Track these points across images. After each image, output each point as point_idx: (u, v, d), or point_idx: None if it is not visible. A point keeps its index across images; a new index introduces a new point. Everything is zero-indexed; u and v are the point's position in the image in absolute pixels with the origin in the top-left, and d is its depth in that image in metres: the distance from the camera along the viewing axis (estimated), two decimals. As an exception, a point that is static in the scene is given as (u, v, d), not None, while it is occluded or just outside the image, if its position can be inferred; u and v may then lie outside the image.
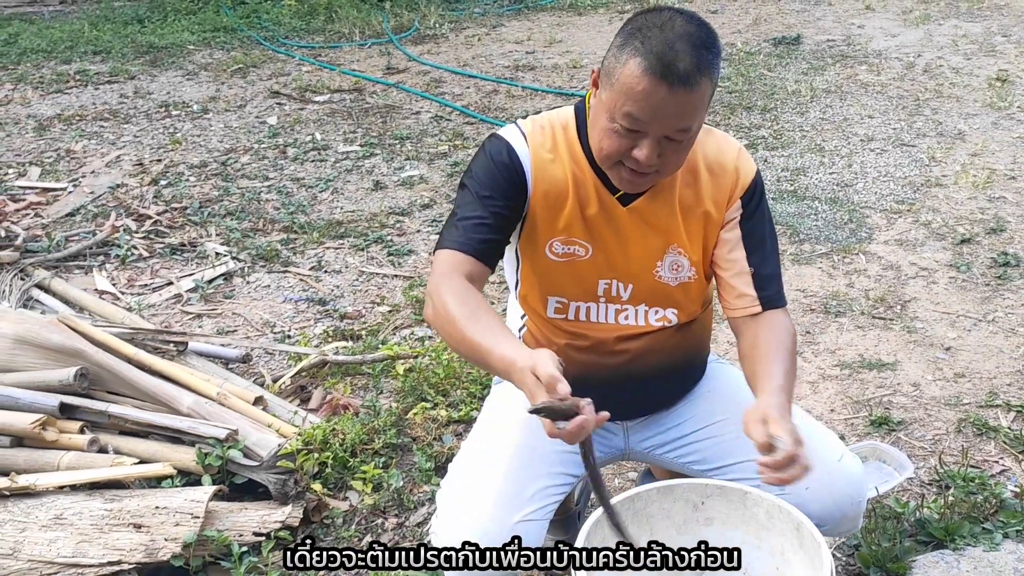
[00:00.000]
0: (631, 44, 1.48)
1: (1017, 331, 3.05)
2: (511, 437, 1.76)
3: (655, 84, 1.45)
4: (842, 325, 3.15)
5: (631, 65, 1.47)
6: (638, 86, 1.46)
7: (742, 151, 1.73)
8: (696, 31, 1.48)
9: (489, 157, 1.65)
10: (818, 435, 1.78)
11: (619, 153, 1.54)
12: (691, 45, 1.46)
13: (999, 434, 2.54)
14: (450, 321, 1.50)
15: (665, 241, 1.70)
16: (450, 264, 1.59)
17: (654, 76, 1.45)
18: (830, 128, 4.97)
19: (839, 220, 3.91)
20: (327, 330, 3.21)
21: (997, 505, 2.20)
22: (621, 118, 1.50)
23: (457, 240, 1.61)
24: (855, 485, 1.73)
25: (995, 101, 5.19)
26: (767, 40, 6.66)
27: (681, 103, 1.47)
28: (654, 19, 1.50)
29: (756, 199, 1.72)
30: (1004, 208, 3.94)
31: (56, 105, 5.87)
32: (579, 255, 1.70)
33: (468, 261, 1.60)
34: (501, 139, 1.67)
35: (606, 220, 1.68)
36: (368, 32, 7.31)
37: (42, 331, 2.66)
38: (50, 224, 4.14)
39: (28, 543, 2.09)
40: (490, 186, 1.63)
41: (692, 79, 1.46)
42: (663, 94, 1.46)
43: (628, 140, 1.52)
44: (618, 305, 1.75)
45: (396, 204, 4.25)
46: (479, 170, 1.66)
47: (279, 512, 2.23)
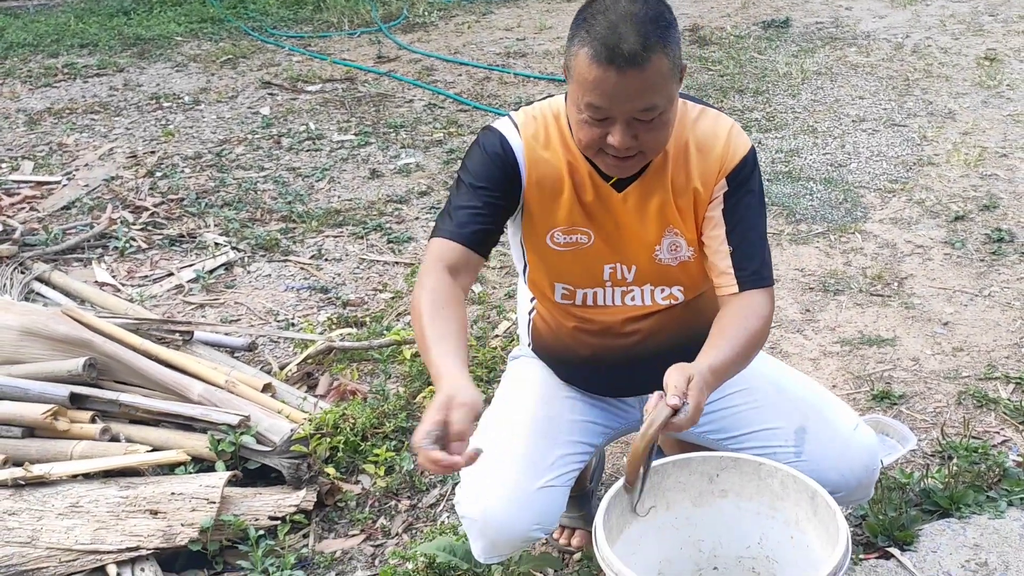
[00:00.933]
0: (579, 35, 1.50)
1: (1013, 305, 3.10)
2: (530, 408, 1.79)
3: (604, 70, 1.46)
4: (841, 303, 3.18)
5: (580, 56, 1.48)
6: (590, 75, 1.47)
7: (735, 129, 1.70)
8: (640, 9, 1.47)
9: (483, 149, 1.67)
10: (833, 405, 1.81)
11: (595, 142, 1.55)
12: (635, 24, 1.45)
13: (999, 405, 2.59)
14: (416, 315, 1.55)
15: (662, 223, 1.71)
16: (438, 253, 1.62)
17: (601, 63, 1.45)
18: (822, 109, 5.00)
19: (834, 200, 3.95)
20: (331, 317, 3.22)
21: (1000, 474, 2.24)
22: (586, 108, 1.51)
23: (449, 229, 1.64)
24: (870, 453, 1.77)
25: (984, 80, 5.23)
26: (756, 23, 6.68)
27: (636, 84, 1.47)
28: (599, 5, 1.50)
29: (743, 177, 1.68)
30: (996, 185, 3.98)
31: (45, 99, 5.84)
32: (582, 243, 1.72)
33: (458, 250, 1.62)
34: (494, 131, 1.69)
35: (603, 207, 1.69)
36: (357, 21, 7.28)
37: (49, 322, 2.67)
38: (46, 217, 4.13)
39: (46, 531, 2.11)
40: (484, 176, 1.65)
41: (640, 58, 1.45)
42: (615, 79, 1.46)
43: (600, 128, 1.53)
44: (624, 287, 1.77)
45: (393, 192, 4.26)
46: (473, 162, 1.68)
47: (293, 496, 2.25)
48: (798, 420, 1.79)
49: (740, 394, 1.84)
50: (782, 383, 1.84)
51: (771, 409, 1.80)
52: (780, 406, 1.80)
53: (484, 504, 1.64)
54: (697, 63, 5.85)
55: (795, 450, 1.76)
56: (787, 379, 1.86)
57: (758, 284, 1.67)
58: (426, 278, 1.59)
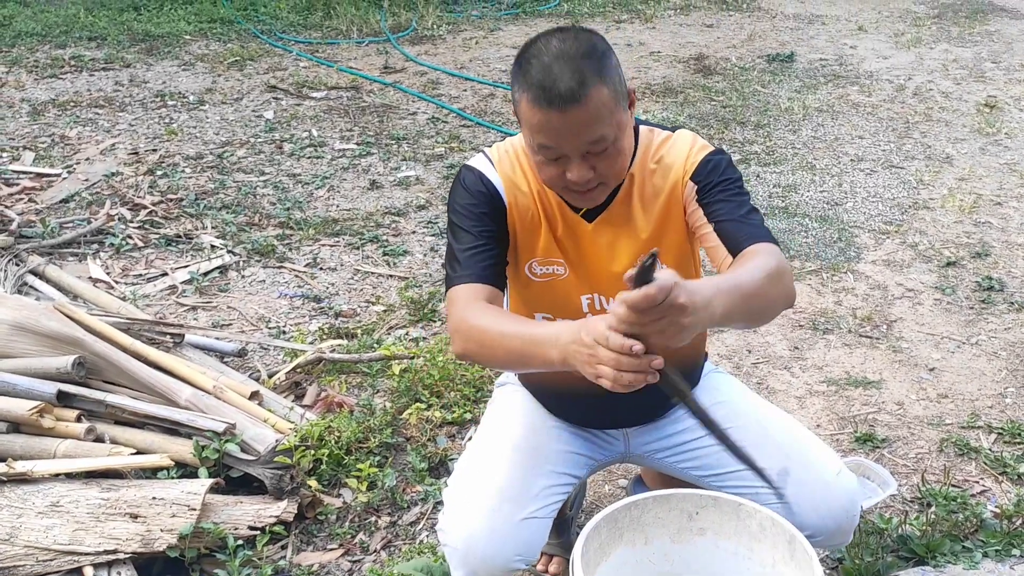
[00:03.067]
0: (517, 81, 1.52)
1: (999, 355, 3.13)
2: (515, 437, 1.80)
3: (546, 113, 1.48)
4: (829, 342, 3.20)
5: (522, 102, 1.51)
6: (534, 119, 1.50)
7: (695, 143, 1.71)
8: (571, 46, 1.49)
9: (466, 189, 1.70)
10: (817, 449, 1.83)
11: (556, 179, 1.58)
12: (567, 62, 1.47)
13: (980, 455, 2.61)
14: (482, 332, 1.54)
15: (637, 248, 1.72)
16: (465, 297, 1.63)
17: (540, 106, 1.48)
18: (821, 147, 5.04)
19: (828, 238, 3.98)
20: (322, 327, 3.23)
21: (977, 524, 2.26)
22: (539, 150, 1.55)
23: (464, 274, 1.65)
24: (851, 499, 1.78)
25: (983, 127, 5.28)
26: (761, 56, 6.73)
27: (580, 119, 1.49)
28: (532, 48, 1.52)
29: (709, 171, 1.66)
30: (989, 233, 4.02)
31: (51, 90, 5.85)
32: (558, 274, 1.74)
33: (482, 289, 1.63)
34: (473, 169, 1.71)
35: (576, 238, 1.72)
36: (366, 30, 7.32)
37: (40, 318, 2.67)
38: (44, 210, 4.13)
39: (25, 529, 2.11)
40: (475, 215, 1.68)
41: (577, 94, 1.46)
42: (557, 119, 1.48)
43: (557, 166, 1.56)
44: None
45: (392, 204, 4.28)
46: (461, 204, 1.70)
47: (274, 507, 2.25)
48: (781, 461, 1.80)
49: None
50: (767, 423, 1.85)
51: (755, 449, 1.80)
52: (764, 447, 1.81)
53: (467, 533, 1.64)
54: (700, 92, 5.89)
55: (777, 492, 1.78)
56: (772, 420, 1.88)
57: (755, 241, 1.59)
58: (468, 315, 1.57)
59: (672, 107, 5.63)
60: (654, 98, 5.81)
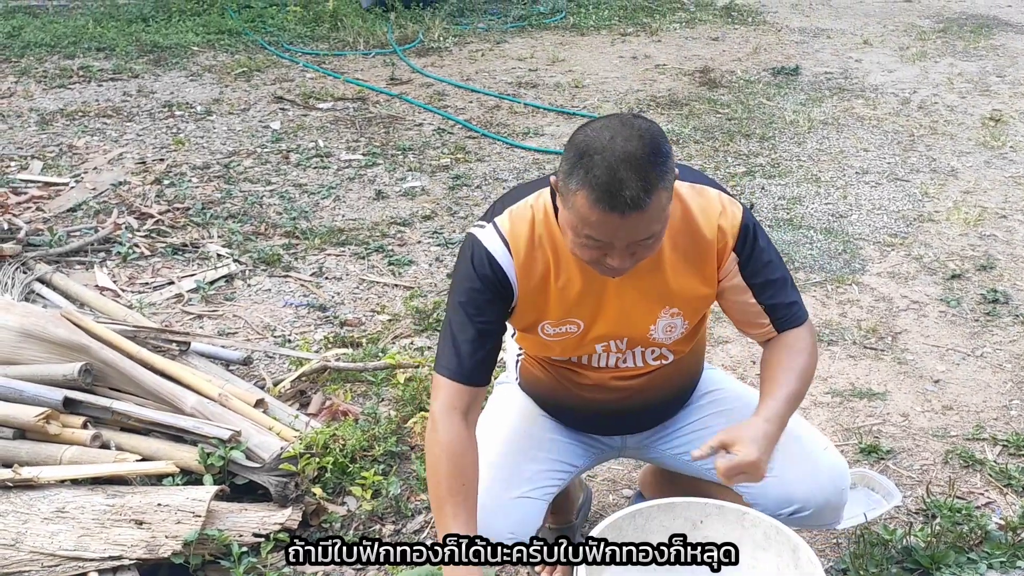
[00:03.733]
0: (577, 173, 1.47)
1: (1004, 367, 3.12)
2: (509, 424, 1.85)
3: (606, 214, 1.46)
4: (834, 353, 3.21)
5: (580, 197, 1.47)
6: (591, 216, 1.47)
7: (723, 201, 1.72)
8: (637, 147, 1.45)
9: (473, 270, 1.66)
10: (804, 426, 1.89)
11: (594, 261, 1.57)
12: (635, 168, 1.44)
13: (985, 467, 2.60)
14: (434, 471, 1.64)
15: (659, 304, 1.73)
16: (449, 400, 1.67)
17: (603, 208, 1.45)
18: (826, 159, 5.05)
19: (833, 250, 3.98)
20: (327, 336, 3.24)
21: (982, 536, 2.26)
22: (584, 238, 1.52)
23: (455, 369, 1.67)
24: (839, 472, 1.84)
25: (988, 140, 5.29)
26: (766, 69, 6.75)
27: (637, 223, 1.48)
28: (595, 141, 1.47)
29: (749, 242, 1.72)
30: (994, 246, 4.02)
31: (59, 100, 5.89)
32: (571, 332, 1.75)
33: (467, 392, 1.67)
34: (482, 247, 1.66)
35: (596, 293, 1.71)
36: (372, 42, 7.36)
37: (47, 325, 2.69)
38: (52, 218, 4.16)
39: (30, 535, 2.11)
40: (478, 303, 1.67)
41: (641, 201, 1.44)
42: (617, 221, 1.47)
43: (598, 250, 1.54)
44: (618, 354, 1.81)
45: (397, 214, 4.29)
46: (465, 286, 1.68)
47: (279, 514, 2.26)
48: None
49: (714, 416, 1.92)
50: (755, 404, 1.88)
51: None
52: None
53: None
54: (706, 105, 5.91)
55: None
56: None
57: (794, 323, 1.76)
58: (441, 427, 1.65)
59: (677, 119, 5.64)
60: (660, 110, 5.83)
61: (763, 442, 1.59)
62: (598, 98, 6.07)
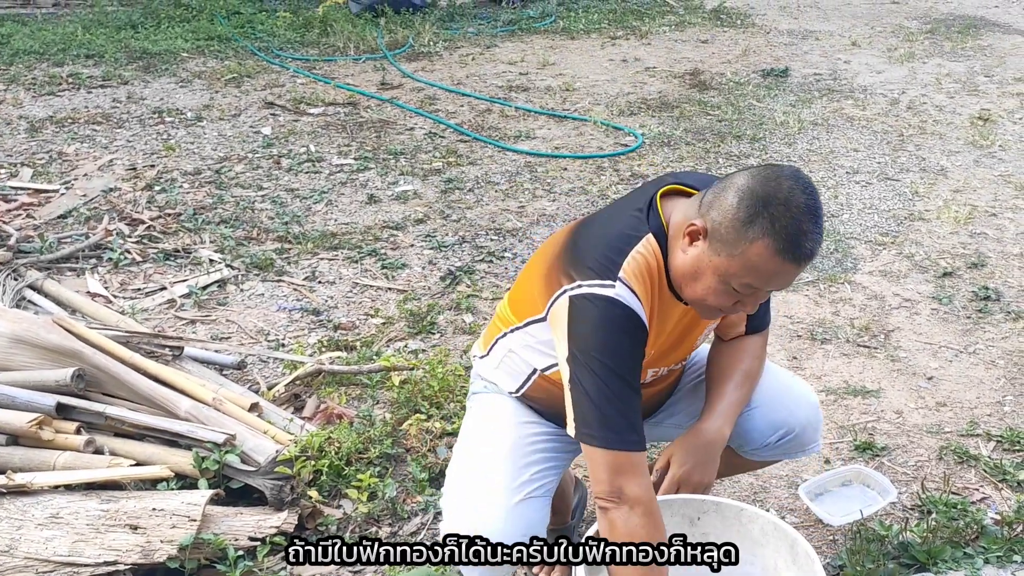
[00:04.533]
0: (758, 223, 1.49)
1: (997, 363, 3.13)
2: (501, 436, 1.84)
3: (786, 265, 1.51)
4: (828, 352, 3.21)
5: (760, 247, 1.50)
6: (769, 266, 1.52)
7: None
8: (811, 200, 1.51)
9: (625, 333, 1.60)
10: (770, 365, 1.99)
11: (724, 307, 1.62)
12: (814, 220, 1.51)
13: (979, 463, 2.61)
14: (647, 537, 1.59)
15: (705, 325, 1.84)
16: (630, 467, 1.59)
17: (787, 260, 1.50)
18: (817, 160, 5.07)
19: (825, 249, 3.99)
20: (321, 340, 3.23)
21: (978, 531, 2.26)
22: (739, 287, 1.56)
23: (628, 438, 1.60)
24: (809, 392, 1.99)
25: (977, 139, 5.31)
26: (756, 71, 6.78)
27: (800, 273, 1.57)
28: (775, 190, 1.50)
29: None
30: (985, 244, 4.04)
31: (48, 107, 5.87)
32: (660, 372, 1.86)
33: (641, 460, 1.62)
34: (629, 311, 1.60)
35: (673, 325, 1.76)
36: (362, 47, 7.36)
37: (40, 331, 2.67)
38: (42, 225, 4.14)
39: (24, 541, 2.10)
40: (635, 368, 1.63)
41: (815, 252, 1.53)
42: (791, 271, 1.53)
43: (736, 297, 1.59)
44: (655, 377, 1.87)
45: (390, 218, 4.29)
46: (616, 346, 1.59)
47: (275, 518, 2.25)
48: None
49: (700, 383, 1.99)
50: None
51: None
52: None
53: (472, 526, 1.68)
54: (696, 107, 5.93)
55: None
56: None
57: (758, 329, 1.92)
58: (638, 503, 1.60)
59: (668, 121, 5.66)
60: (650, 113, 5.85)
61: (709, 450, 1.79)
62: (589, 101, 6.08)
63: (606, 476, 1.58)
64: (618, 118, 5.74)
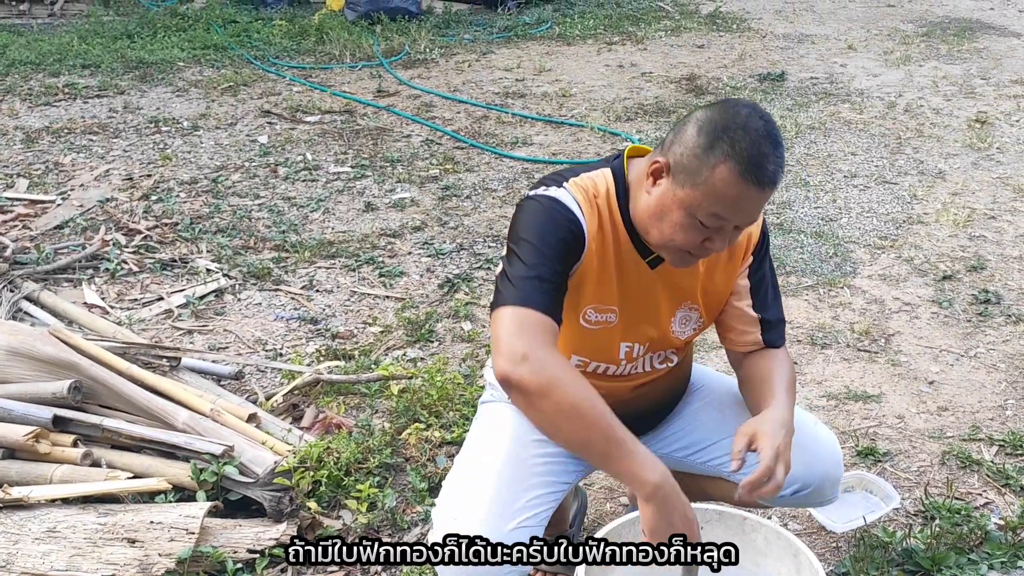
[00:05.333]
0: (719, 148, 1.51)
1: (998, 367, 3.12)
2: (501, 451, 1.81)
3: (748, 188, 1.51)
4: (828, 357, 3.20)
5: (722, 170, 1.51)
6: (732, 191, 1.51)
7: None
8: (771, 128, 1.53)
9: (554, 222, 1.61)
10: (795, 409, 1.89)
11: (692, 245, 1.60)
12: (773, 144, 1.52)
13: (982, 467, 2.60)
14: (563, 387, 1.48)
15: (681, 298, 1.78)
16: (538, 326, 1.52)
17: (748, 181, 1.50)
18: (814, 163, 5.06)
19: (824, 254, 3.98)
20: (319, 349, 3.22)
21: (982, 537, 2.25)
22: (705, 217, 1.55)
23: (536, 299, 1.54)
24: (833, 444, 1.89)
25: (974, 142, 5.31)
26: (752, 76, 6.78)
27: (763, 201, 1.55)
28: (733, 118, 1.53)
29: (764, 249, 1.82)
30: (984, 247, 4.03)
31: (44, 117, 5.86)
32: (609, 322, 1.76)
33: (551, 326, 1.55)
34: (559, 203, 1.62)
35: (635, 283, 1.73)
36: (359, 55, 7.35)
37: (36, 343, 2.66)
38: (38, 236, 4.12)
39: (21, 555, 2.08)
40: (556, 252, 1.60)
41: (778, 178, 1.53)
42: (755, 197, 1.52)
43: (703, 233, 1.58)
44: (631, 363, 1.83)
45: (387, 226, 4.28)
46: (543, 229, 1.60)
47: (273, 529, 2.23)
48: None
49: (703, 409, 1.95)
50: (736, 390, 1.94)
51: (735, 418, 1.87)
52: (742, 414, 1.86)
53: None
54: (693, 111, 5.91)
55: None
56: None
57: (778, 344, 1.84)
58: (550, 350, 1.50)
59: (665, 127, 5.65)
60: (647, 118, 5.84)
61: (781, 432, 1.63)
62: (585, 107, 6.08)
63: (507, 336, 1.50)
64: (615, 123, 5.73)
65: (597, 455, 1.50)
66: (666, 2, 9.49)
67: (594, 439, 1.48)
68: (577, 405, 1.48)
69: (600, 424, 1.48)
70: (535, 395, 1.48)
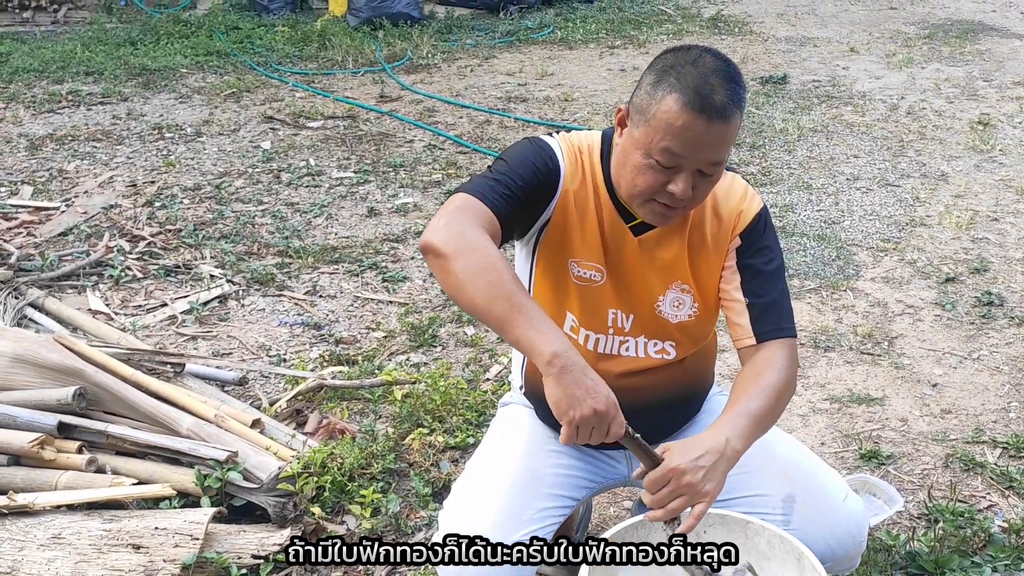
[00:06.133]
0: (666, 81, 1.53)
1: (1001, 369, 3.12)
2: (512, 460, 1.79)
3: (694, 118, 1.50)
4: (831, 360, 3.20)
5: (668, 101, 1.52)
6: (677, 121, 1.51)
7: (748, 191, 1.77)
8: (725, 66, 1.55)
9: (532, 151, 1.67)
10: (822, 473, 1.82)
11: (654, 189, 1.58)
12: (724, 79, 1.52)
13: (986, 470, 2.60)
14: (479, 255, 1.46)
15: (669, 276, 1.75)
16: (475, 210, 1.54)
17: (692, 110, 1.50)
18: (817, 166, 5.06)
19: (827, 257, 3.99)
20: (323, 354, 3.22)
21: (986, 539, 2.25)
22: (658, 154, 1.54)
23: (484, 192, 1.57)
24: (858, 524, 1.78)
25: (977, 144, 5.31)
26: (755, 79, 6.78)
27: (717, 135, 1.53)
28: (684, 56, 1.56)
29: (756, 234, 1.74)
30: (987, 249, 4.03)
31: (48, 125, 5.87)
32: (595, 280, 1.74)
33: (490, 217, 1.55)
34: (547, 145, 1.70)
35: (618, 249, 1.72)
36: (361, 60, 7.37)
37: (40, 350, 2.67)
38: (43, 243, 4.14)
39: (27, 562, 2.09)
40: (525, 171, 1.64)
41: (728, 111, 1.51)
42: (702, 128, 1.51)
43: (663, 175, 1.57)
44: (621, 337, 1.79)
45: (390, 231, 4.28)
46: (520, 155, 1.66)
47: (278, 535, 2.24)
48: (787, 487, 1.79)
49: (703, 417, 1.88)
50: (772, 447, 1.82)
51: (759, 475, 1.79)
52: (769, 472, 1.80)
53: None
54: (695, 115, 5.92)
55: (783, 518, 1.77)
56: (777, 443, 1.84)
57: (776, 336, 1.70)
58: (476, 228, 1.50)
59: (667, 130, 5.65)
60: (649, 122, 5.84)
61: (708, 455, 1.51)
62: (588, 111, 6.09)
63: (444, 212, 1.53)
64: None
65: (496, 319, 1.44)
66: (668, 6, 9.50)
67: (496, 302, 1.43)
68: (486, 268, 1.45)
69: (505, 288, 1.44)
70: (447, 257, 1.47)
